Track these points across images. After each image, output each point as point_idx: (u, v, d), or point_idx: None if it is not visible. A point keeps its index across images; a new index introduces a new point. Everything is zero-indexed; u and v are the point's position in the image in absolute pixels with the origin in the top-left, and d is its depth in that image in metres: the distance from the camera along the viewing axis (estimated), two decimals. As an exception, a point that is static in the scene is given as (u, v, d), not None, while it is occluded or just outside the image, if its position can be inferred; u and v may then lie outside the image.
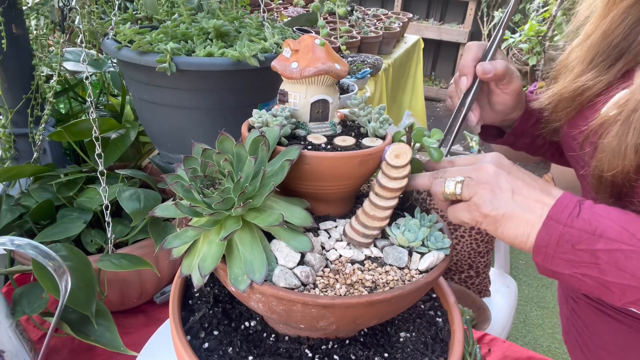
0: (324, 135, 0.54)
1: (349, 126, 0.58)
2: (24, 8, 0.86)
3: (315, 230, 0.52)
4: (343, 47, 0.60)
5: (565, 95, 0.66)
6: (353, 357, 0.53)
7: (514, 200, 0.48)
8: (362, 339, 0.56)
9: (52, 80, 0.85)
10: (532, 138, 0.79)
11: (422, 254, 0.50)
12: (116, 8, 0.81)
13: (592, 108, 0.62)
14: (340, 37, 1.89)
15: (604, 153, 0.54)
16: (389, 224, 0.51)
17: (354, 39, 2.26)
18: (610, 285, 0.45)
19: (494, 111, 0.73)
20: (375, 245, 0.51)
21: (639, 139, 0.51)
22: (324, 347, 0.54)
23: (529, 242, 0.47)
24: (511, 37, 3.00)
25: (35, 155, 0.88)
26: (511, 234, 0.48)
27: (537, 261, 0.48)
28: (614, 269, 0.44)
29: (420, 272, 0.49)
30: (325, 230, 0.53)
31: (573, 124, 0.67)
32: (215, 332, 0.54)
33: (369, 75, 1.98)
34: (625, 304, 0.47)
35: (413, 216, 0.53)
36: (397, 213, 0.54)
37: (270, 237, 0.50)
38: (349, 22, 2.55)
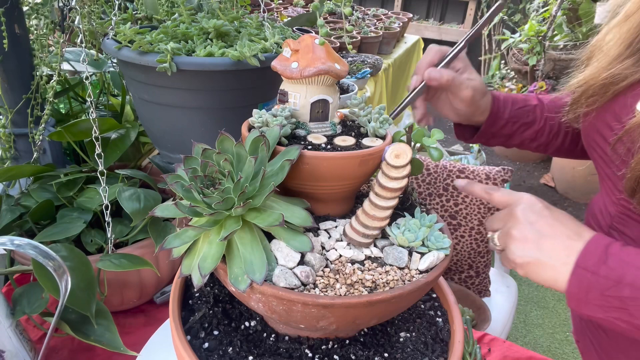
0: (324, 135, 0.54)
1: (349, 126, 0.58)
2: (25, 8, 0.86)
3: (315, 230, 0.52)
4: (349, 47, 0.60)
5: (597, 81, 0.63)
6: (353, 357, 0.53)
7: (540, 248, 0.51)
8: (362, 339, 0.56)
9: (52, 80, 0.85)
10: (505, 138, 0.82)
11: (422, 254, 0.50)
12: (116, 8, 0.81)
13: (624, 103, 0.59)
14: (348, 35, 1.89)
15: None
16: (389, 224, 0.51)
17: (354, 39, 2.27)
18: None
19: (455, 114, 0.77)
20: (375, 245, 0.51)
21: None
22: (324, 347, 0.54)
23: (558, 285, 0.50)
24: (511, 37, 2.99)
25: (35, 155, 0.88)
26: (539, 279, 0.52)
27: (571, 306, 0.51)
28: None
29: (420, 272, 0.49)
30: (325, 230, 0.53)
31: (600, 117, 0.64)
32: (215, 332, 0.54)
33: (369, 75, 1.98)
34: None
35: (413, 216, 0.53)
36: (397, 213, 0.54)
37: (270, 237, 0.50)
38: (349, 22, 2.55)
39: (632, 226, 0.63)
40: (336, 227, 0.54)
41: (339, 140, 0.53)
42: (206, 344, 0.53)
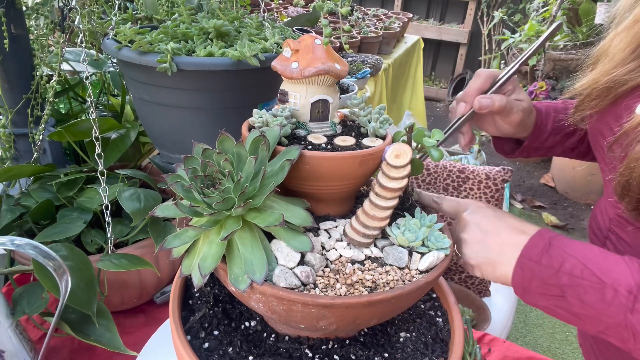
0: (324, 135, 0.54)
1: (349, 126, 0.58)
2: (24, 8, 0.86)
3: (315, 230, 0.52)
4: (346, 47, 0.60)
5: (600, 83, 0.63)
6: (353, 357, 0.53)
7: (488, 247, 0.53)
8: (362, 339, 0.56)
9: (52, 80, 0.85)
10: (547, 150, 0.81)
11: (422, 254, 0.50)
12: (116, 8, 0.81)
13: (626, 105, 0.59)
14: (343, 36, 1.89)
15: (637, 163, 0.52)
16: (389, 224, 0.51)
17: (354, 39, 2.27)
18: (579, 315, 0.49)
19: (498, 132, 0.76)
20: (375, 245, 0.51)
21: None
22: (324, 347, 0.54)
23: (508, 280, 0.52)
24: (511, 37, 3.00)
25: (35, 155, 0.88)
26: (493, 277, 0.54)
27: (517, 294, 0.53)
28: (578, 302, 0.48)
29: (421, 272, 0.49)
30: (326, 230, 0.53)
31: (603, 119, 0.64)
32: (216, 332, 0.54)
33: (369, 75, 1.98)
34: (598, 333, 0.50)
35: (413, 216, 0.53)
36: (397, 213, 0.54)
37: (270, 237, 0.50)
38: (349, 22, 2.55)
39: (628, 230, 0.63)
40: (336, 227, 0.54)
41: (339, 140, 0.53)
42: (206, 344, 0.53)
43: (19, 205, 0.80)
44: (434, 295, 0.63)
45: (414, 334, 0.57)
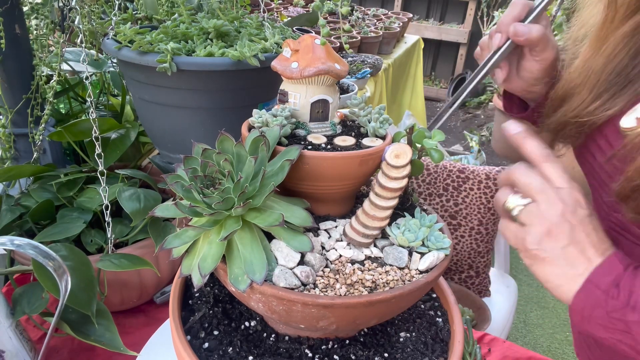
0: (324, 135, 0.54)
1: (349, 126, 0.58)
2: (25, 9, 0.86)
3: (315, 230, 0.52)
4: (346, 47, 0.60)
5: (570, 121, 0.61)
6: (353, 357, 0.53)
7: (563, 251, 0.46)
8: (362, 339, 0.56)
9: (52, 81, 0.85)
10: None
11: (422, 254, 0.50)
12: (116, 8, 0.81)
13: (613, 126, 0.57)
14: (343, 36, 1.89)
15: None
16: (389, 224, 0.51)
17: (354, 39, 2.26)
18: None
19: (519, 77, 0.68)
20: (375, 245, 0.51)
21: None
22: (324, 347, 0.54)
23: (560, 292, 0.47)
24: (511, 37, 2.99)
25: (35, 155, 0.88)
26: (542, 277, 0.48)
27: (574, 320, 0.48)
28: None
29: (420, 272, 0.49)
30: (325, 230, 0.53)
31: (590, 138, 0.62)
32: (215, 332, 0.54)
33: (369, 75, 1.98)
34: None
35: (413, 216, 0.53)
36: (397, 213, 0.54)
37: (270, 237, 0.50)
38: (349, 22, 2.55)
39: (623, 244, 0.62)
40: (336, 227, 0.54)
41: (339, 140, 0.53)
42: (206, 344, 0.53)
43: (19, 205, 0.80)
44: (434, 295, 0.63)
45: (414, 334, 0.57)
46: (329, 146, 0.52)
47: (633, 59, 0.55)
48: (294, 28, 1.26)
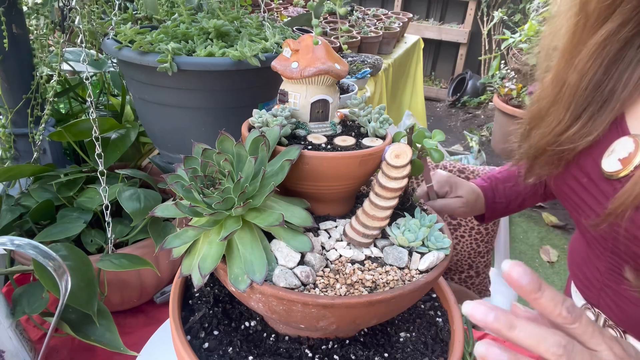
0: (324, 135, 0.54)
1: (349, 126, 0.58)
2: (25, 8, 0.86)
3: (315, 230, 0.52)
4: (344, 47, 0.60)
5: (545, 151, 0.60)
6: (353, 357, 0.53)
7: None
8: (362, 339, 0.56)
9: (52, 80, 0.85)
10: (516, 209, 0.88)
11: (422, 254, 0.50)
12: (116, 8, 0.81)
13: (588, 156, 0.57)
14: (341, 36, 1.89)
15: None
16: (389, 224, 0.51)
17: (354, 39, 2.26)
18: None
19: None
20: (375, 245, 0.51)
21: None
22: (324, 347, 0.54)
23: None
24: (511, 37, 2.99)
25: (35, 155, 0.88)
26: None
27: None
28: None
29: (421, 272, 0.49)
30: (325, 230, 0.53)
31: (567, 170, 0.61)
32: (215, 332, 0.54)
33: (369, 75, 1.98)
34: None
35: (413, 216, 0.53)
36: (397, 213, 0.54)
37: (270, 237, 0.50)
38: (349, 22, 2.55)
39: (624, 283, 0.61)
40: (336, 227, 0.54)
41: (339, 140, 0.53)
42: (206, 344, 0.53)
43: (19, 205, 0.80)
44: (434, 295, 0.63)
45: (414, 334, 0.57)
46: (329, 146, 0.52)
47: (605, 73, 0.55)
48: (294, 28, 1.26)
